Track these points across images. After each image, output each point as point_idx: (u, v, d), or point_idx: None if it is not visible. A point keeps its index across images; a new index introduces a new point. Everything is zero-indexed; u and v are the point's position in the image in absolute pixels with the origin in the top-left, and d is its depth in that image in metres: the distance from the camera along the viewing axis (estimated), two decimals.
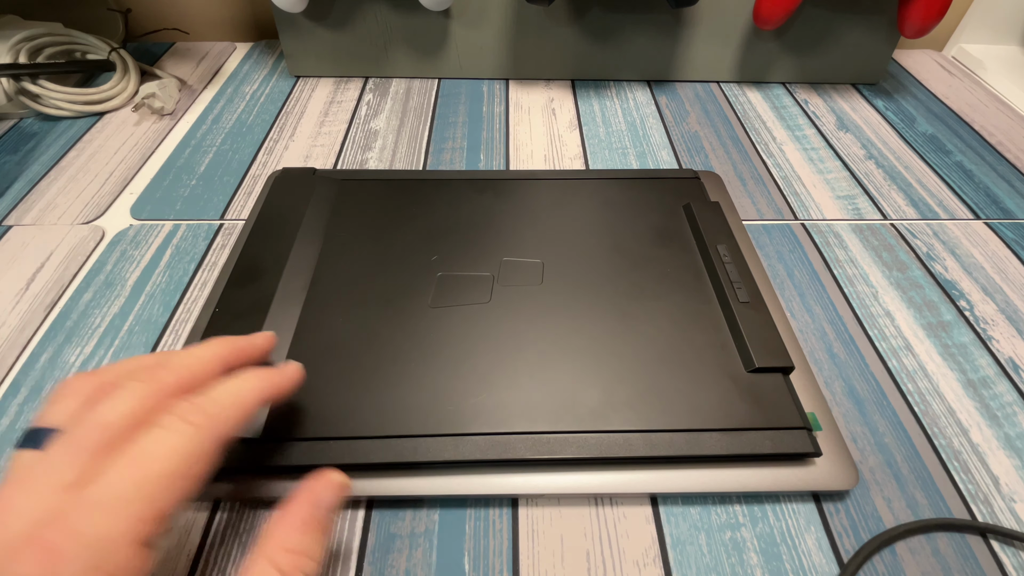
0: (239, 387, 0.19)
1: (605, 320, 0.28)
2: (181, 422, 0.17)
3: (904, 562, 0.22)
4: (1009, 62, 0.55)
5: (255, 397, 0.19)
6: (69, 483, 0.15)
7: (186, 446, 0.17)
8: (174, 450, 0.16)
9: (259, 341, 0.22)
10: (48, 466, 0.16)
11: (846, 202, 0.39)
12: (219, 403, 0.18)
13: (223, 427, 0.18)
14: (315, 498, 0.19)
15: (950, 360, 0.30)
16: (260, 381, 0.20)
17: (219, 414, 0.18)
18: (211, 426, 0.17)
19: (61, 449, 0.16)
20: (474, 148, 0.43)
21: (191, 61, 0.53)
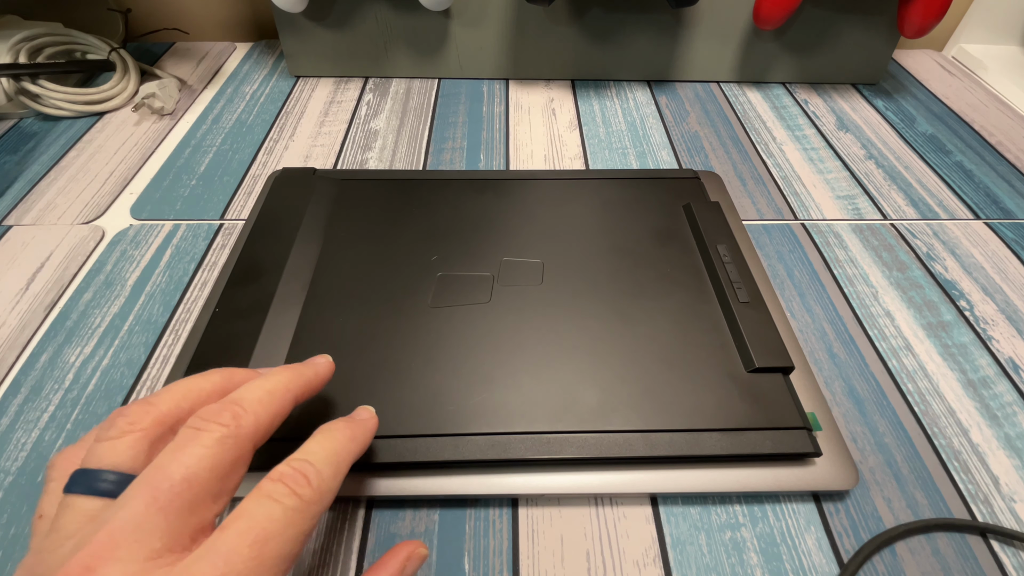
0: (336, 451, 0.17)
1: (605, 320, 0.28)
2: (292, 496, 0.15)
3: (904, 562, 0.22)
4: (1009, 62, 0.55)
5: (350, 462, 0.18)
6: (157, 550, 0.13)
7: (298, 524, 0.15)
8: (287, 528, 0.14)
9: (323, 371, 0.21)
10: (132, 527, 0.13)
11: (846, 202, 0.39)
12: (324, 474, 0.16)
13: (328, 501, 0.16)
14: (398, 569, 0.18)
15: (950, 360, 0.30)
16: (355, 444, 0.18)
17: (326, 487, 0.16)
18: (320, 501, 0.16)
19: (143, 504, 0.14)
20: (474, 148, 0.43)
21: (191, 61, 0.53)
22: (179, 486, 0.14)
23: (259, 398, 0.17)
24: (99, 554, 0.13)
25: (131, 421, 0.16)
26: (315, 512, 0.15)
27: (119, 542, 0.13)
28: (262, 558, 0.14)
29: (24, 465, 0.24)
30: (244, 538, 0.14)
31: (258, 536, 0.14)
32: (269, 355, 0.26)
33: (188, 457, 0.15)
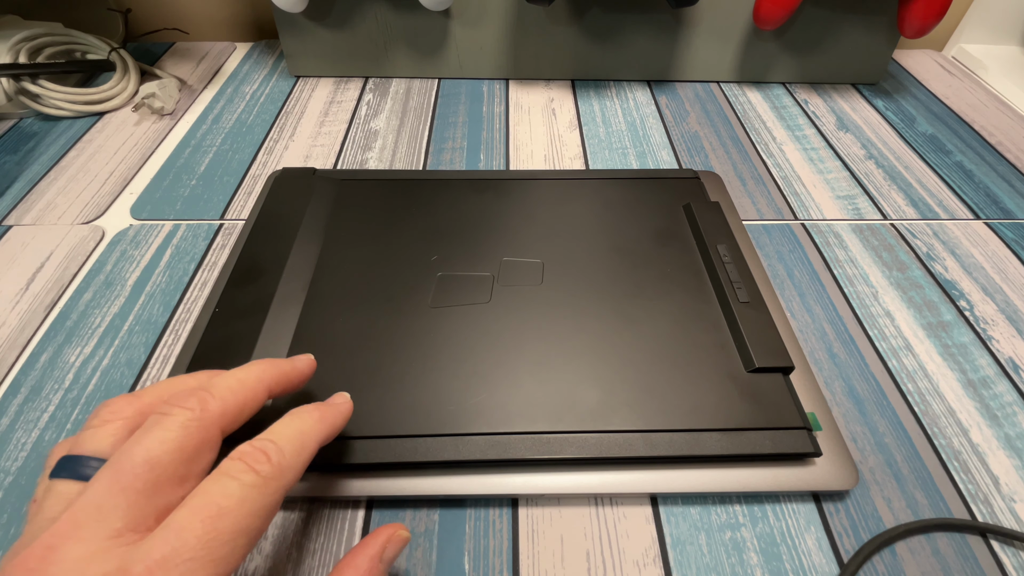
0: (302, 430, 0.17)
1: (605, 320, 0.28)
2: (249, 472, 0.15)
3: (904, 562, 0.22)
4: (1009, 62, 0.55)
5: (317, 442, 0.18)
6: (118, 530, 0.14)
7: (256, 500, 0.15)
8: (243, 503, 0.15)
9: (301, 366, 0.21)
10: (94, 508, 0.14)
11: (846, 202, 0.39)
12: (286, 451, 0.16)
13: (290, 478, 0.16)
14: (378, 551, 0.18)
15: (950, 360, 0.30)
16: (322, 424, 0.18)
17: (287, 463, 0.16)
18: (280, 477, 0.16)
19: (105, 486, 0.14)
20: (474, 148, 0.43)
21: (191, 61, 0.53)
22: (140, 467, 0.14)
23: (229, 385, 0.17)
24: (62, 533, 0.14)
25: (113, 411, 0.16)
26: (274, 488, 0.16)
27: (81, 522, 0.14)
28: (216, 532, 0.14)
29: (24, 465, 0.24)
30: (198, 514, 0.14)
31: (212, 512, 0.14)
32: (269, 355, 0.26)
33: (151, 440, 0.15)
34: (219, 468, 0.15)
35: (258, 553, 0.22)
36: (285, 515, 0.23)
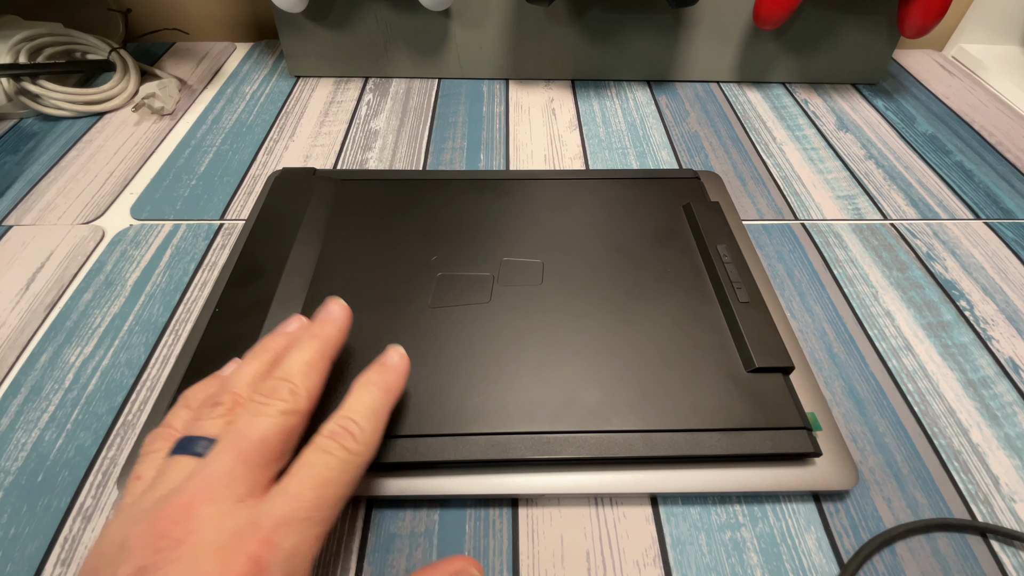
0: (374, 407, 0.20)
1: (605, 320, 0.28)
2: (342, 449, 0.18)
3: (904, 562, 0.22)
4: (1009, 62, 0.55)
5: (388, 412, 0.20)
6: (241, 495, 0.17)
7: (349, 472, 0.18)
8: (341, 475, 0.18)
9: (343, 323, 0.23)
10: (224, 476, 0.17)
11: (846, 202, 0.39)
12: (365, 429, 0.19)
13: (372, 451, 0.19)
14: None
15: (950, 360, 0.30)
16: (389, 395, 0.21)
17: (367, 440, 0.19)
18: (365, 452, 0.19)
19: (231, 459, 0.17)
20: (474, 148, 0.43)
21: (191, 61, 0.53)
22: (256, 445, 0.18)
23: (304, 372, 0.20)
24: (198, 495, 0.16)
25: (220, 402, 0.19)
26: (362, 463, 0.19)
27: (213, 487, 0.16)
28: (323, 499, 0.17)
29: (24, 465, 0.24)
30: (307, 483, 0.17)
31: (319, 481, 0.17)
32: None
33: (262, 423, 0.18)
34: (316, 444, 0.18)
35: None
36: None
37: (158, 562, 0.15)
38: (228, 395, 0.20)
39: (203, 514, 0.16)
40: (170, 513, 0.16)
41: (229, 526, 0.16)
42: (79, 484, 0.24)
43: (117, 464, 0.25)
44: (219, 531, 0.16)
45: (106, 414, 0.26)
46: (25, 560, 0.22)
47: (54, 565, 0.22)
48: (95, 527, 0.23)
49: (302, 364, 0.20)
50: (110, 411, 0.26)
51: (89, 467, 0.24)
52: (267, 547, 0.16)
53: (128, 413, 0.26)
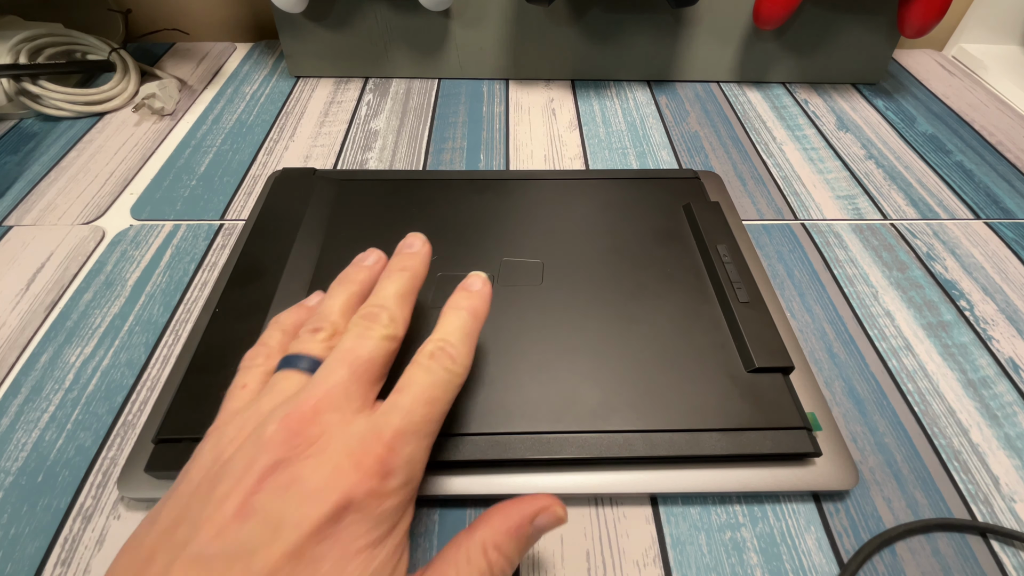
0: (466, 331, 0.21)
1: (605, 320, 0.28)
2: (445, 371, 0.19)
3: (904, 562, 0.22)
4: (1009, 62, 0.55)
5: (476, 337, 0.21)
6: (357, 407, 0.18)
7: (450, 391, 0.19)
8: (445, 393, 0.19)
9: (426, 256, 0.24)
10: (343, 389, 0.18)
11: (846, 202, 0.39)
12: (460, 351, 0.20)
13: (466, 373, 0.20)
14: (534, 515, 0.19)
15: (950, 360, 0.30)
16: (476, 320, 0.21)
17: (463, 361, 0.20)
18: (463, 374, 0.20)
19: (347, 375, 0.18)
20: (474, 148, 0.43)
21: (191, 61, 0.53)
22: (366, 363, 0.19)
23: (398, 302, 0.21)
24: (323, 403, 0.17)
25: (320, 327, 0.20)
26: (459, 383, 0.20)
27: (335, 397, 0.18)
28: (430, 414, 0.18)
29: (24, 465, 0.24)
30: (418, 399, 0.18)
31: (426, 398, 0.18)
32: None
33: (369, 343, 0.19)
34: (419, 364, 0.19)
35: None
36: None
37: (294, 457, 0.16)
38: (327, 322, 0.21)
39: (329, 420, 0.17)
40: (301, 415, 0.17)
41: (354, 432, 0.17)
42: (79, 484, 0.24)
43: (117, 464, 0.25)
44: (346, 435, 0.17)
45: (106, 414, 0.26)
46: (25, 560, 0.22)
47: (54, 565, 0.22)
48: (95, 527, 0.23)
49: (396, 294, 0.21)
50: (110, 411, 0.26)
51: (89, 467, 0.24)
52: (390, 452, 0.17)
53: (128, 413, 0.26)
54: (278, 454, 0.16)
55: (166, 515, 0.16)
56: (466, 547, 0.18)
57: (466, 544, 0.18)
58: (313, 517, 0.15)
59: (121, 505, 0.23)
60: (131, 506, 0.23)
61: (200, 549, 0.14)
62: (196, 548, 0.14)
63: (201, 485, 0.16)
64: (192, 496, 0.16)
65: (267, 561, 0.14)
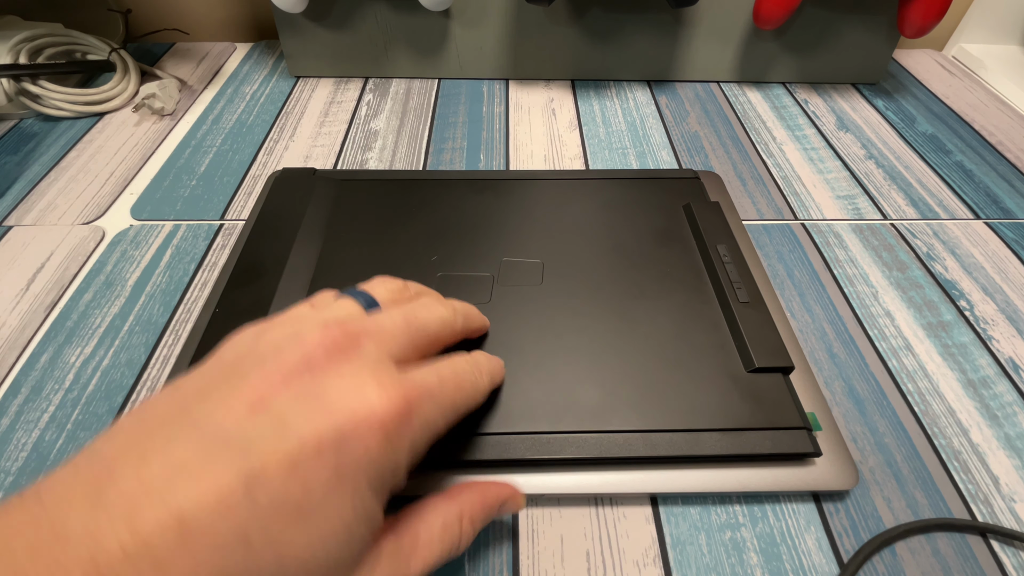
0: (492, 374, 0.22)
1: (605, 320, 0.28)
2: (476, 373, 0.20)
3: (904, 562, 0.22)
4: (1009, 62, 0.55)
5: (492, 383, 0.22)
6: (393, 355, 0.18)
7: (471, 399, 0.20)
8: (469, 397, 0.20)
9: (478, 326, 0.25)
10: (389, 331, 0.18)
11: (846, 202, 0.39)
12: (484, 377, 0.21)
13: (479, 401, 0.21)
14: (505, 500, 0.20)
15: (950, 360, 0.30)
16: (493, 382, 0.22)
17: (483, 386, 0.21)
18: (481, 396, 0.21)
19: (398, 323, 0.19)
20: (474, 148, 0.43)
21: (191, 61, 0.53)
22: (422, 327, 0.20)
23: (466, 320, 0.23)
24: (368, 331, 0.18)
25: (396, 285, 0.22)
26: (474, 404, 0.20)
27: (381, 333, 0.18)
28: (454, 401, 0.19)
29: (24, 465, 0.24)
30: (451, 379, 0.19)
31: (458, 383, 0.19)
32: None
33: (433, 315, 0.20)
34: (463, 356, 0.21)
35: None
36: None
37: (325, 365, 0.16)
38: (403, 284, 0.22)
39: (368, 348, 0.17)
40: (346, 332, 0.17)
41: (388, 370, 0.17)
42: None
43: None
44: (378, 368, 0.17)
45: (106, 414, 0.26)
46: None
47: None
48: None
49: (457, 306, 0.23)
50: (110, 411, 0.26)
51: None
52: (415, 404, 0.17)
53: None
54: (311, 360, 0.16)
55: (187, 386, 0.16)
56: (444, 513, 0.18)
57: (444, 510, 0.18)
58: (321, 430, 0.14)
59: None
60: None
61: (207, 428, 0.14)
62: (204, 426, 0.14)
63: (229, 367, 0.16)
64: (217, 375, 0.16)
65: (262, 460, 0.14)
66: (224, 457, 0.13)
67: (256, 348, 0.17)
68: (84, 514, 0.12)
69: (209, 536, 0.12)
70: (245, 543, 0.13)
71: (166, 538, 0.12)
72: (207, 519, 0.13)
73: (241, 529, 0.13)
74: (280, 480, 0.14)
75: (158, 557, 0.12)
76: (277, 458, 0.14)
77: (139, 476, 0.13)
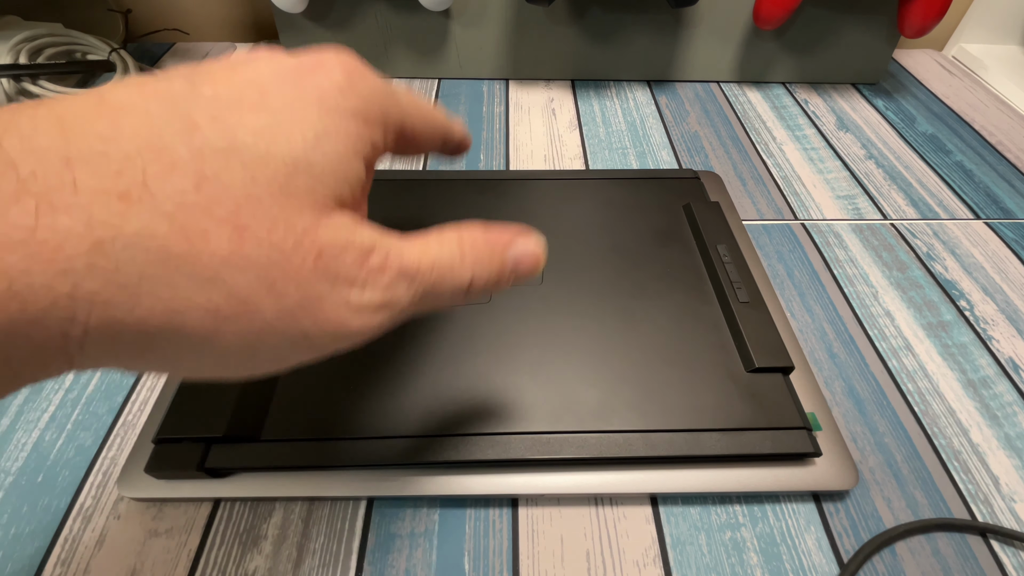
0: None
1: (605, 320, 0.28)
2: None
3: (904, 562, 0.22)
4: (1009, 62, 0.55)
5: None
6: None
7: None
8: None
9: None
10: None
11: (846, 202, 0.39)
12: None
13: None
14: (513, 244, 0.16)
15: (950, 360, 0.30)
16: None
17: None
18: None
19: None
20: (474, 148, 0.43)
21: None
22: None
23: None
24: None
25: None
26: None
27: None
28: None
29: (24, 465, 0.24)
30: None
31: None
32: None
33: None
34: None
35: (258, 553, 0.22)
36: (285, 515, 0.23)
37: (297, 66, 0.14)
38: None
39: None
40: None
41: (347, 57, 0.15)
42: (79, 484, 0.24)
43: (117, 464, 0.25)
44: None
45: (106, 414, 0.26)
46: (25, 560, 0.22)
47: (54, 565, 0.22)
48: (95, 527, 0.23)
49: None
50: (110, 411, 0.26)
51: (89, 467, 0.24)
52: (371, 75, 0.15)
53: (128, 413, 0.26)
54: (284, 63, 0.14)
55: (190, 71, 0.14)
56: (439, 232, 0.15)
57: (438, 231, 0.15)
58: (281, 60, 0.13)
59: (121, 505, 0.23)
60: (131, 506, 0.23)
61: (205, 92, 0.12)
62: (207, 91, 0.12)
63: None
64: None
65: (206, 68, 0.13)
66: (171, 75, 0.13)
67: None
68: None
69: (145, 101, 0.12)
70: (190, 124, 0.11)
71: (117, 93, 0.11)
72: (143, 90, 0.12)
73: (184, 112, 0.12)
74: (225, 80, 0.12)
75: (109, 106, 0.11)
76: (224, 68, 0.13)
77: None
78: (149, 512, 0.23)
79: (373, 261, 0.13)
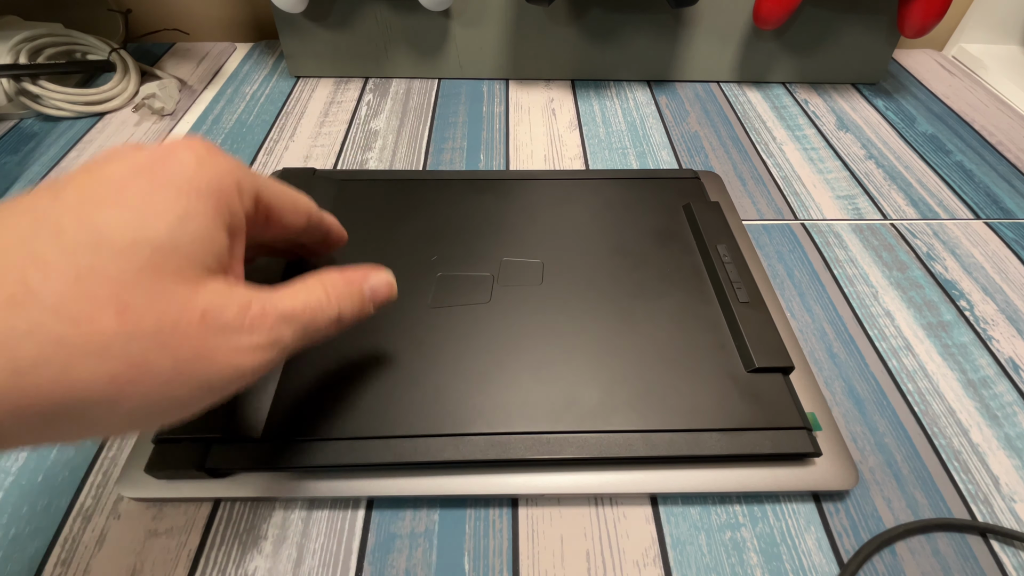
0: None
1: (605, 320, 0.28)
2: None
3: (904, 562, 0.22)
4: (1009, 62, 0.55)
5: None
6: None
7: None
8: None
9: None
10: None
11: (846, 202, 0.39)
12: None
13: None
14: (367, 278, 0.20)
15: (950, 360, 0.30)
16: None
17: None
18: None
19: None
20: (474, 148, 0.43)
21: (191, 61, 0.53)
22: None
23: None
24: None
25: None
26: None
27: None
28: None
29: (24, 465, 0.24)
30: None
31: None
32: None
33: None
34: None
35: (258, 553, 0.22)
36: (285, 515, 0.23)
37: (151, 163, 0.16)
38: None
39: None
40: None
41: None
42: (79, 484, 0.24)
43: (117, 464, 0.25)
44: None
45: None
46: (25, 560, 0.22)
47: (54, 565, 0.22)
48: (95, 527, 0.23)
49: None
50: None
51: (89, 467, 0.24)
52: (224, 157, 0.17)
53: None
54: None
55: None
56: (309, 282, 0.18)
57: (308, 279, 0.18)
58: (136, 157, 0.15)
59: (121, 505, 0.23)
60: (131, 506, 0.23)
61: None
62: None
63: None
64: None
65: (69, 178, 0.15)
66: (36, 191, 0.14)
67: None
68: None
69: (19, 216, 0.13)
70: (57, 229, 0.13)
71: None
72: (12, 209, 0.13)
73: (51, 220, 0.13)
74: (85, 185, 0.14)
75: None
76: (83, 172, 0.15)
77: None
78: (149, 512, 0.23)
79: (254, 310, 0.16)
